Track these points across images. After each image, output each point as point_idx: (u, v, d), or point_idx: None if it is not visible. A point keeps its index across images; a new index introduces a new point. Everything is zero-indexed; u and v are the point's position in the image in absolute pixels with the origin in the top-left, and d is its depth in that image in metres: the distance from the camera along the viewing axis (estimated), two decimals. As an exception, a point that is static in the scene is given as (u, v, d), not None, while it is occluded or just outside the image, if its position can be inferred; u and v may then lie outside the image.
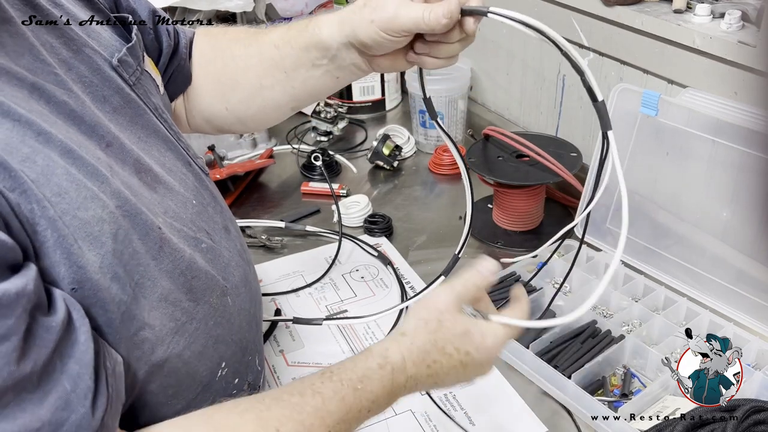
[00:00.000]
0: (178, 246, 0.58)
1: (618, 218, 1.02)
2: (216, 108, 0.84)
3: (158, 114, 0.67)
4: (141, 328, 0.53)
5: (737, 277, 0.89)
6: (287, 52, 0.76)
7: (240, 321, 0.67)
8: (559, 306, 0.95)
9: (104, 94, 0.60)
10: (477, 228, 1.14)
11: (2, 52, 0.51)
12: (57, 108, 0.52)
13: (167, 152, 0.66)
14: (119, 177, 0.55)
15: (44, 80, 0.53)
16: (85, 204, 0.49)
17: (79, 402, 0.45)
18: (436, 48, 0.69)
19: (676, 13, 1.00)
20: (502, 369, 0.87)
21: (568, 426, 0.80)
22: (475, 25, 0.67)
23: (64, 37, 0.58)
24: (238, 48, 0.81)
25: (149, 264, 0.54)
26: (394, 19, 0.66)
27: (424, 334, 0.61)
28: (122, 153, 0.57)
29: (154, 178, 0.60)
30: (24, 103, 0.49)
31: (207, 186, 0.71)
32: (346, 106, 1.52)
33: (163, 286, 0.56)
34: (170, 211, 0.60)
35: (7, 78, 0.50)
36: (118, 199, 0.53)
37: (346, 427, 0.58)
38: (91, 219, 0.49)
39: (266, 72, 0.78)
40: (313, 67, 0.76)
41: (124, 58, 0.64)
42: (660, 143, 0.96)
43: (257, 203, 1.28)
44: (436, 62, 0.71)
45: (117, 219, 0.52)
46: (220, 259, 0.66)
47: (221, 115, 0.84)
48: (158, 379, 0.56)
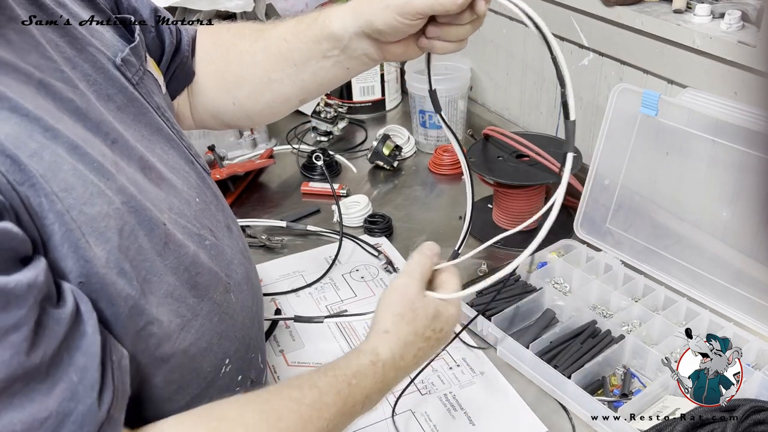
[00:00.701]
0: (183, 242, 0.59)
1: (618, 218, 1.02)
2: (223, 103, 0.84)
3: (161, 113, 0.67)
4: (149, 323, 0.53)
5: (737, 277, 0.89)
6: (297, 45, 0.77)
7: (243, 318, 0.68)
8: (560, 306, 0.95)
9: (108, 93, 0.60)
10: (477, 228, 1.14)
11: (10, 49, 0.51)
12: (63, 105, 0.53)
13: (170, 150, 0.66)
14: (125, 173, 0.55)
15: (51, 77, 0.53)
16: (91, 200, 0.49)
17: (86, 393, 0.46)
18: (447, 30, 0.70)
19: (676, 13, 1.00)
20: (502, 369, 0.87)
21: (568, 426, 0.80)
22: (486, 6, 0.67)
23: (68, 36, 0.58)
24: (244, 43, 0.81)
25: (155, 260, 0.55)
26: (409, 2, 0.67)
27: (405, 327, 0.66)
28: (127, 150, 0.58)
29: (159, 176, 0.61)
30: (31, 100, 0.49)
31: (209, 185, 0.71)
32: (346, 106, 1.52)
33: (169, 282, 0.56)
34: (175, 208, 0.61)
35: (15, 75, 0.50)
36: (123, 195, 0.53)
37: (342, 421, 0.61)
38: (97, 215, 0.50)
39: (275, 66, 0.79)
40: (324, 58, 0.76)
41: (127, 58, 0.64)
42: (660, 143, 0.96)
43: (257, 203, 1.28)
44: (447, 46, 0.72)
45: (123, 215, 0.52)
46: (223, 256, 0.66)
47: (229, 111, 0.85)
48: (163, 374, 0.56)
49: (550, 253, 1.03)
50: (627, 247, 1.01)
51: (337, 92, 1.56)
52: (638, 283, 0.97)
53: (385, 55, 0.75)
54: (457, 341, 0.91)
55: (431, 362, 0.85)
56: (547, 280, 1.00)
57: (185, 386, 0.59)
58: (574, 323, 0.91)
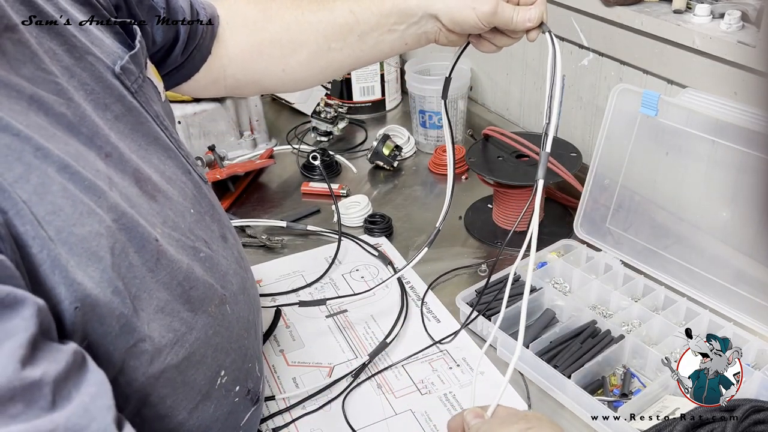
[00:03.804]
0: (175, 257, 0.58)
1: (618, 218, 1.02)
2: (271, 71, 0.86)
3: (159, 122, 0.67)
4: (141, 339, 0.53)
5: (737, 277, 0.88)
6: (365, 18, 0.81)
7: (239, 329, 0.67)
8: (559, 306, 0.95)
9: (106, 102, 0.60)
10: (477, 228, 1.14)
11: (3, 61, 0.50)
12: (56, 120, 0.52)
13: (167, 160, 0.66)
14: (118, 188, 0.55)
15: (44, 90, 0.52)
16: (81, 220, 0.49)
17: (100, 413, 0.44)
18: (500, 38, 0.81)
19: (676, 14, 1.00)
20: (502, 369, 0.87)
21: (568, 426, 0.80)
22: (536, 36, 0.78)
23: (67, 44, 0.58)
24: (304, 14, 0.83)
25: (145, 276, 0.54)
26: (493, 14, 0.76)
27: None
28: (121, 163, 0.57)
29: (154, 187, 0.60)
30: (22, 117, 0.49)
31: (206, 194, 0.71)
32: (346, 106, 1.53)
33: (160, 298, 0.55)
34: (169, 221, 0.60)
35: (5, 91, 0.49)
36: (115, 213, 0.53)
37: None
38: (88, 234, 0.49)
39: (337, 35, 0.82)
40: (389, 32, 0.81)
41: (126, 66, 0.64)
42: (660, 143, 0.96)
43: (257, 203, 1.28)
44: (491, 47, 0.82)
45: (114, 233, 0.52)
46: (218, 267, 0.66)
47: (276, 77, 0.87)
48: (156, 390, 0.56)
49: (550, 253, 1.03)
50: (627, 247, 1.01)
51: (338, 92, 1.56)
52: (638, 283, 0.97)
53: (439, 39, 0.81)
54: (457, 341, 0.92)
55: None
56: (547, 280, 1.00)
57: (179, 401, 0.58)
58: (574, 323, 0.91)
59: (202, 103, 1.36)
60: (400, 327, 0.95)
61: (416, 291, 1.02)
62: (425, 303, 0.99)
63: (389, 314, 0.97)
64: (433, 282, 1.03)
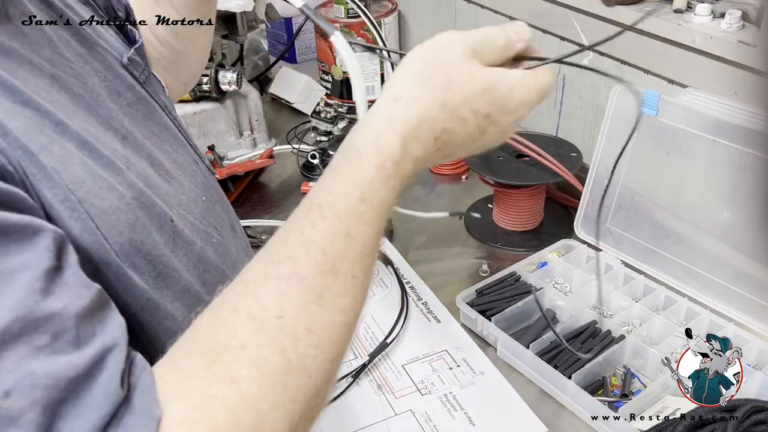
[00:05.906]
0: (190, 238, 0.59)
1: (618, 218, 1.02)
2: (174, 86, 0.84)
3: (168, 111, 0.68)
4: (165, 318, 0.53)
5: (737, 277, 0.88)
6: None
7: None
8: (560, 306, 0.95)
9: (118, 89, 0.60)
10: (477, 228, 1.14)
11: (25, 42, 0.51)
12: (75, 99, 0.53)
13: (179, 148, 0.66)
14: (135, 169, 0.55)
15: (63, 72, 0.53)
16: (101, 193, 0.49)
17: (116, 362, 0.41)
18: None
19: (677, 13, 1.00)
20: (502, 369, 0.87)
21: (568, 426, 0.80)
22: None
23: (78, 35, 0.59)
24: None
25: (169, 255, 0.55)
26: None
27: (429, 93, 0.47)
28: (137, 146, 0.58)
29: (167, 173, 0.61)
30: (45, 93, 0.49)
31: (213, 185, 0.71)
32: (346, 106, 1.52)
33: (185, 278, 0.56)
34: (183, 204, 0.61)
35: (30, 67, 0.50)
36: (133, 190, 0.53)
37: (367, 261, 0.50)
38: (108, 208, 0.50)
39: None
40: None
41: (133, 57, 0.65)
42: (660, 143, 0.96)
43: (257, 203, 1.28)
44: None
45: (134, 210, 0.52)
46: (229, 255, 0.66)
47: (179, 90, 0.85)
48: None
49: (550, 253, 1.03)
50: (627, 247, 1.00)
51: (338, 92, 1.56)
52: (638, 283, 0.96)
53: None
54: (457, 341, 0.91)
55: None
56: (548, 280, 1.00)
57: None
58: (574, 323, 0.90)
59: (201, 102, 1.36)
60: (400, 327, 0.95)
61: (416, 291, 1.02)
62: (425, 303, 0.99)
63: (389, 314, 0.97)
64: (433, 282, 1.03)
